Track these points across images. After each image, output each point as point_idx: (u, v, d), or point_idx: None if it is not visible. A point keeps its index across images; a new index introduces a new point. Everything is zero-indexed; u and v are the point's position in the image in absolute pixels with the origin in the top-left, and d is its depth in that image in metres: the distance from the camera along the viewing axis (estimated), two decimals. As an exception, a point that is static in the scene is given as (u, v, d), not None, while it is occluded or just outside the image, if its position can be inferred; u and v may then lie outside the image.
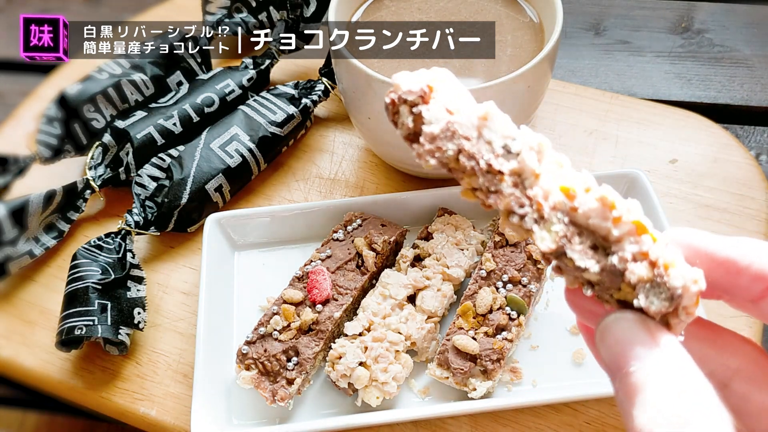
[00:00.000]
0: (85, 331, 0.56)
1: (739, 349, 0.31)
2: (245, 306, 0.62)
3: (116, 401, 0.58)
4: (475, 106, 0.32)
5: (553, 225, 0.30)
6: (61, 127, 0.72)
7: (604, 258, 0.29)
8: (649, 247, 0.28)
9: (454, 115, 0.31)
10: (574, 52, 0.90)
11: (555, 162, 0.31)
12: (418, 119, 0.31)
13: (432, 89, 0.32)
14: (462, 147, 0.31)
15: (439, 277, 0.58)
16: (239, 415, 0.55)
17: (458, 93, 0.32)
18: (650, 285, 0.28)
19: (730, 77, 0.85)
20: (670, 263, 0.28)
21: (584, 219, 0.29)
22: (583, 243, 0.29)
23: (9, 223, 0.64)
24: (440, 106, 0.31)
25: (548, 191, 0.30)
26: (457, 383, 0.53)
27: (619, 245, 0.29)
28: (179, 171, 0.66)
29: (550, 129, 0.74)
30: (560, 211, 0.30)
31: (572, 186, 0.30)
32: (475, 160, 0.31)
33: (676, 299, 0.28)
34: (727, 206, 0.66)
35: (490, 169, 0.31)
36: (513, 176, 0.31)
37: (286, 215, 0.65)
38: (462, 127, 0.31)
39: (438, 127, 0.31)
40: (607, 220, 0.29)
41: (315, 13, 0.76)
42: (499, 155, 0.31)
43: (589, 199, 0.29)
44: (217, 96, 0.73)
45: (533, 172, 0.30)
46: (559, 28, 0.58)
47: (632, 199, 0.29)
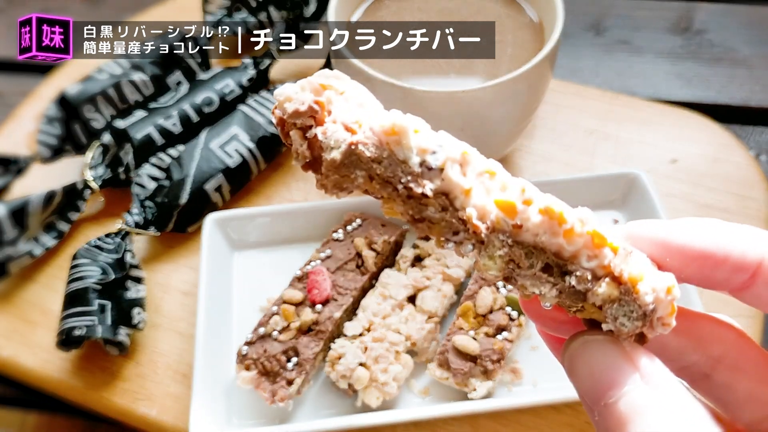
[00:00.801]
0: (85, 331, 0.56)
1: (720, 336, 0.28)
2: (245, 306, 0.62)
3: (116, 401, 0.58)
4: (380, 116, 0.26)
5: (495, 249, 0.26)
6: (61, 127, 0.72)
7: (560, 279, 0.25)
8: (610, 261, 0.25)
9: (357, 134, 0.26)
10: (575, 52, 0.90)
11: (485, 171, 0.26)
12: (314, 144, 0.26)
13: (323, 105, 0.26)
14: (373, 172, 0.26)
15: (440, 277, 0.58)
16: (239, 415, 0.55)
17: (357, 99, 0.27)
18: (618, 304, 0.25)
19: (730, 77, 0.85)
20: (637, 277, 0.25)
21: (531, 237, 0.25)
22: (533, 266, 0.25)
23: (9, 224, 0.64)
24: (338, 124, 0.26)
25: (483, 210, 0.25)
26: (458, 384, 0.53)
27: (575, 262, 0.25)
28: (179, 171, 0.66)
29: (550, 129, 0.74)
30: (501, 232, 0.25)
31: (510, 200, 0.25)
32: (392, 185, 0.26)
33: (649, 315, 0.25)
34: (727, 206, 0.66)
35: (410, 193, 0.26)
36: (439, 197, 0.26)
37: (286, 215, 0.65)
38: (369, 147, 0.26)
39: (339, 152, 0.26)
40: (557, 235, 0.25)
41: (315, 13, 0.76)
42: (419, 174, 0.26)
43: (532, 213, 0.25)
44: (217, 96, 0.73)
45: (462, 189, 0.26)
46: (559, 28, 0.58)
47: (582, 207, 0.25)
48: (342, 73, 0.28)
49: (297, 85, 0.27)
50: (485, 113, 0.58)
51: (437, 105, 0.56)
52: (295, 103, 0.26)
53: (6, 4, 1.06)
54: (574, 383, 0.26)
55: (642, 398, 0.23)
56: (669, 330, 0.25)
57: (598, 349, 0.25)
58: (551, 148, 0.73)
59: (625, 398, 0.24)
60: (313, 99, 0.26)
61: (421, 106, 0.56)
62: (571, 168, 0.71)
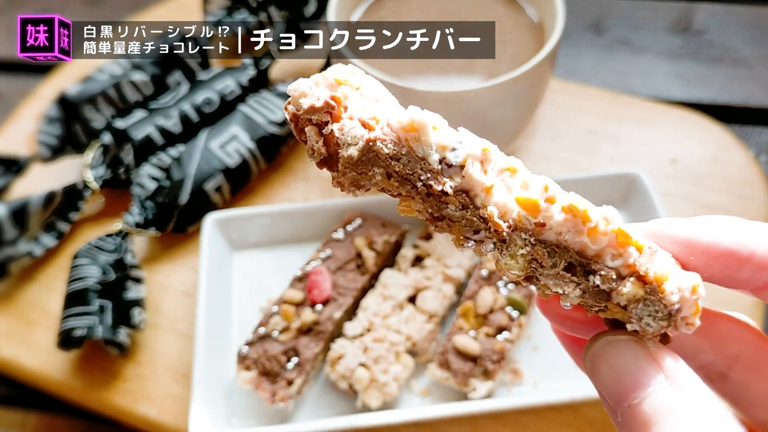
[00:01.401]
0: (85, 331, 0.56)
1: (737, 336, 0.28)
2: (245, 306, 0.61)
3: (116, 401, 0.58)
4: (398, 113, 0.26)
5: (518, 248, 0.25)
6: (61, 127, 0.72)
7: (584, 279, 0.25)
8: (635, 260, 0.24)
9: (375, 130, 0.25)
10: (575, 52, 0.90)
11: (507, 168, 0.26)
12: (330, 141, 0.25)
13: (339, 100, 0.25)
14: (391, 169, 0.25)
15: (440, 278, 0.58)
16: (239, 416, 0.55)
17: (373, 95, 0.26)
18: (643, 304, 0.24)
19: (729, 77, 0.85)
20: (662, 276, 0.24)
21: (554, 236, 0.25)
22: (556, 265, 0.25)
23: (9, 224, 0.64)
24: (355, 120, 0.25)
25: (505, 207, 0.25)
26: (458, 384, 0.53)
27: (599, 261, 0.24)
28: (179, 171, 0.66)
29: (550, 129, 0.74)
30: (523, 230, 0.25)
31: (533, 197, 0.25)
32: (410, 182, 0.25)
33: (675, 315, 0.24)
34: (727, 206, 0.66)
35: (430, 190, 0.25)
36: (459, 195, 0.25)
37: (286, 215, 0.65)
38: (387, 143, 0.25)
39: (357, 149, 0.25)
40: (581, 234, 0.24)
41: (315, 13, 0.76)
42: (438, 171, 0.25)
43: (555, 211, 0.24)
44: (217, 96, 0.73)
45: (483, 187, 0.25)
46: (560, 28, 0.58)
47: (607, 206, 0.25)
48: (357, 68, 0.27)
49: (311, 80, 0.26)
50: (485, 113, 0.58)
51: (437, 105, 0.56)
52: (310, 98, 0.25)
53: (6, 4, 1.06)
54: (596, 384, 0.26)
55: (667, 399, 0.23)
56: (693, 330, 0.25)
57: (622, 349, 0.25)
58: (551, 148, 0.73)
59: (649, 399, 0.23)
60: (329, 94, 0.25)
61: (421, 106, 0.56)
62: (571, 168, 0.71)
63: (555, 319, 0.29)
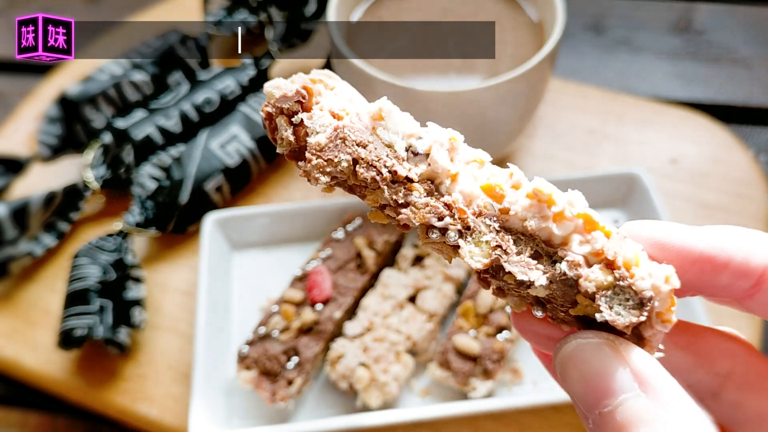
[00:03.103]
0: (85, 331, 0.56)
1: (726, 351, 0.27)
2: (245, 306, 0.62)
3: (116, 401, 0.58)
4: (367, 105, 0.26)
5: (482, 235, 0.25)
6: (61, 126, 0.72)
7: (550, 267, 0.24)
8: (602, 245, 0.23)
9: (344, 119, 0.26)
10: (575, 52, 0.90)
11: (474, 160, 0.26)
12: (299, 130, 0.26)
13: (311, 92, 0.26)
14: (357, 155, 0.25)
15: (440, 277, 0.58)
16: (239, 415, 0.55)
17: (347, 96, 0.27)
18: (612, 292, 0.23)
19: (729, 77, 0.85)
20: (631, 261, 0.23)
21: (519, 222, 0.24)
22: (522, 252, 0.24)
23: (10, 224, 0.64)
24: (325, 110, 0.26)
25: (471, 194, 0.25)
26: (458, 384, 0.53)
27: (566, 248, 0.24)
28: (179, 171, 0.66)
29: (550, 129, 0.74)
30: (488, 217, 0.25)
31: (498, 183, 0.25)
32: (376, 168, 0.25)
33: (647, 304, 0.23)
34: (726, 206, 0.66)
35: (395, 176, 0.25)
36: (425, 182, 0.25)
37: (286, 215, 0.65)
38: (354, 131, 0.25)
39: (325, 136, 0.25)
40: (546, 219, 0.24)
41: (315, 13, 0.76)
42: (404, 159, 0.25)
43: (520, 196, 0.24)
44: (217, 96, 0.73)
45: (448, 173, 0.25)
46: (560, 28, 0.58)
47: (573, 190, 0.24)
48: (334, 74, 0.28)
49: (288, 79, 0.27)
50: (485, 113, 0.58)
51: (437, 105, 0.56)
52: (283, 89, 0.26)
53: (6, 4, 1.06)
54: (566, 389, 0.24)
55: (640, 409, 0.22)
56: (669, 327, 0.23)
57: (591, 351, 0.23)
58: (552, 148, 0.73)
59: (622, 408, 0.22)
60: (301, 84, 0.26)
61: (421, 106, 0.56)
62: (571, 168, 0.71)
63: (531, 338, 0.28)
